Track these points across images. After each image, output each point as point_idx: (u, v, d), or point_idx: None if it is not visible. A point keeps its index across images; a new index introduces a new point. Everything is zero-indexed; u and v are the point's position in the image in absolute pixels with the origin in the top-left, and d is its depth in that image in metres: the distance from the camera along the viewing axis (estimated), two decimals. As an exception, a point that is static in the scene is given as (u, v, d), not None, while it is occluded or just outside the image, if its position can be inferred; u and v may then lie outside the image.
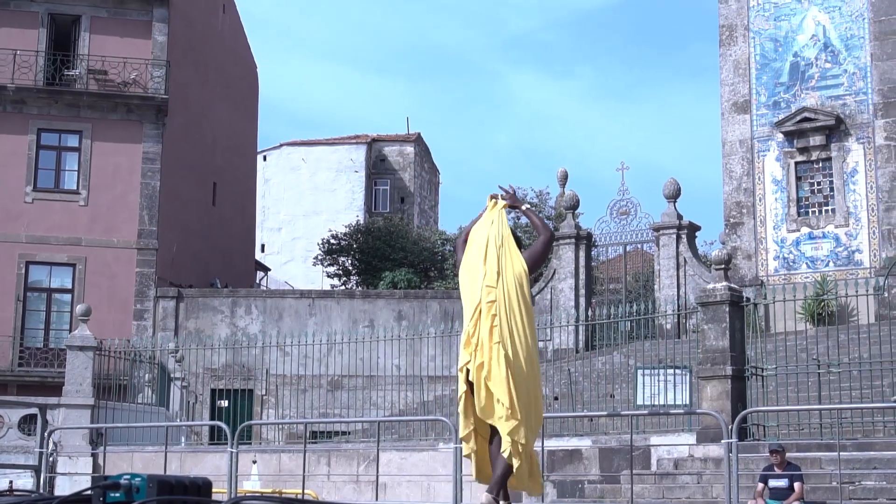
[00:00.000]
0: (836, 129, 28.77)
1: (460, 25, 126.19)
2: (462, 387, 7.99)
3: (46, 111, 33.43)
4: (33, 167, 33.21)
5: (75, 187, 33.33)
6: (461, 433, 8.08)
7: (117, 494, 5.60)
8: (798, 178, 29.44)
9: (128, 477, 5.61)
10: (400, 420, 21.88)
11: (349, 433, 25.13)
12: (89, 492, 5.77)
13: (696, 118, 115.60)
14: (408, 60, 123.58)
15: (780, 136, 29.60)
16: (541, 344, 28.75)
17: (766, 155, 29.87)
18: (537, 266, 8.49)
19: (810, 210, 29.22)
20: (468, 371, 7.89)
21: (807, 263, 28.82)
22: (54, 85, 33.70)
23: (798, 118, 29.15)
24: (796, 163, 29.41)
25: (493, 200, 8.42)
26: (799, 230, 29.10)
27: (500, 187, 8.44)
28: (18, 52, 33.33)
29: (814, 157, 29.19)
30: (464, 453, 8.24)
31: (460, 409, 8.01)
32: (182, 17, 35.83)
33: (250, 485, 18.54)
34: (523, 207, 8.45)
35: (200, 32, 37.73)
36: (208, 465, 19.53)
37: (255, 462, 19.29)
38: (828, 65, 29.33)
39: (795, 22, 29.95)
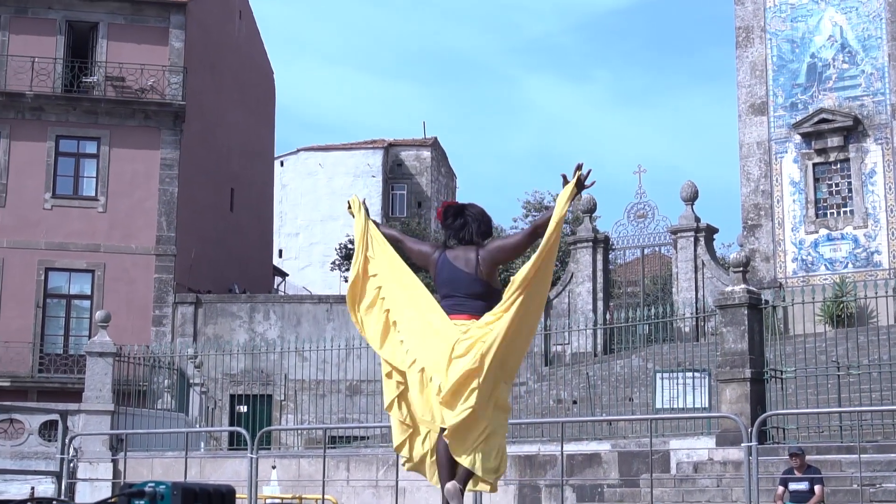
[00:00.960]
0: (854, 130, 28.68)
1: (476, 30, 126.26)
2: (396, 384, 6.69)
3: (65, 118, 33.56)
4: (52, 174, 33.33)
5: (94, 194, 33.44)
6: (396, 442, 6.79)
7: (142, 502, 5.60)
8: (816, 180, 29.35)
9: (152, 484, 5.62)
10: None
11: (368, 438, 25.15)
12: (114, 499, 5.80)
13: (713, 120, 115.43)
14: (423, 65, 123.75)
15: (798, 138, 29.52)
16: (559, 348, 28.84)
17: (783, 157, 29.78)
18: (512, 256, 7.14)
19: (828, 212, 29.13)
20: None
21: (825, 265, 28.73)
22: (72, 92, 33.82)
23: (815, 119, 29.07)
24: (814, 164, 29.33)
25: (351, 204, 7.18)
26: (817, 232, 29.01)
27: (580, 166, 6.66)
28: (36, 60, 33.45)
29: (832, 159, 29.10)
30: (406, 467, 6.86)
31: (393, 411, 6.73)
32: (199, 23, 35.93)
33: (269, 490, 18.57)
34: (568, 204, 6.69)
35: (217, 39, 37.83)
36: (228, 470, 19.60)
37: (274, 467, 19.32)
38: (845, 66, 29.25)
39: (812, 23, 29.87)
